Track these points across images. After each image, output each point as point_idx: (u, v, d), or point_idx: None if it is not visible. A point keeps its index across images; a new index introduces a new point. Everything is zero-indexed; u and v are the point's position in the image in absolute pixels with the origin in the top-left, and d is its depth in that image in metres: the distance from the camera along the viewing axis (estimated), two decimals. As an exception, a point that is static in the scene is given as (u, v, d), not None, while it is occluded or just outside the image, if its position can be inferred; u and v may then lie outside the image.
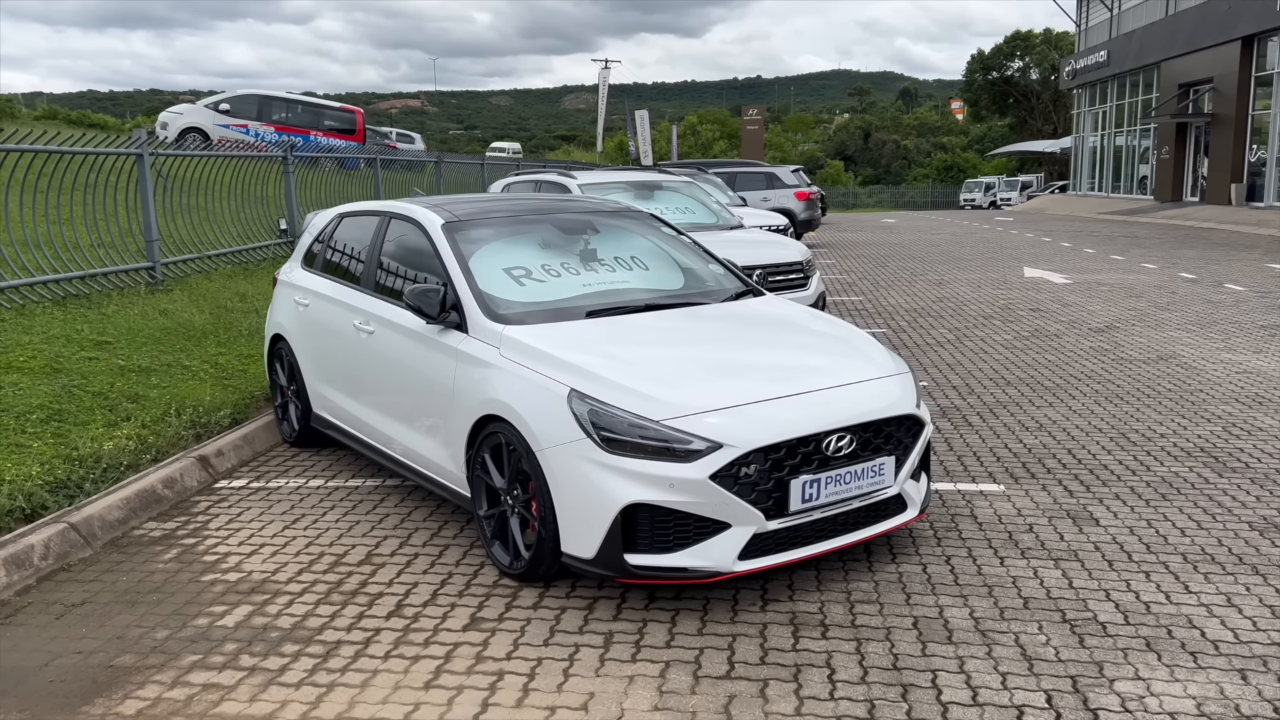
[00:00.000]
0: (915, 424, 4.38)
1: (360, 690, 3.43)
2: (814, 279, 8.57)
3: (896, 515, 4.36)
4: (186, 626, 3.96)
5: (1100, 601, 4.00)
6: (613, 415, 3.90)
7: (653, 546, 3.86)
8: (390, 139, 36.66)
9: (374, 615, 4.01)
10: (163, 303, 8.95)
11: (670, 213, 9.30)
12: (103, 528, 4.94)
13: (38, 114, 35.91)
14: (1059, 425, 6.68)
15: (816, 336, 4.89)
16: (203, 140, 25.43)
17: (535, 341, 4.36)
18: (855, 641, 3.70)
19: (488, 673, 3.53)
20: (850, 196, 74.55)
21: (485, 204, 5.62)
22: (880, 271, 16.84)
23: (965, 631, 3.77)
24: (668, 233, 5.85)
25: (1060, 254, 19.49)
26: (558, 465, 3.96)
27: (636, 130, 47.74)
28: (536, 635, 3.80)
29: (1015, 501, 5.19)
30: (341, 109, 28.40)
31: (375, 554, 4.66)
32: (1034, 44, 73.42)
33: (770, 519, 3.91)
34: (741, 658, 3.60)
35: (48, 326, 7.52)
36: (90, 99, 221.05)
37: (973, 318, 11.50)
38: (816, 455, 3.99)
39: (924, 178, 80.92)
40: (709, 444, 3.82)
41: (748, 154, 53.40)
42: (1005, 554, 4.51)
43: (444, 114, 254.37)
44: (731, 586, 4.18)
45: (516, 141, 40.68)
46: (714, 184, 14.64)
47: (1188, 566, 4.34)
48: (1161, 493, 5.30)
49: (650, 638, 3.77)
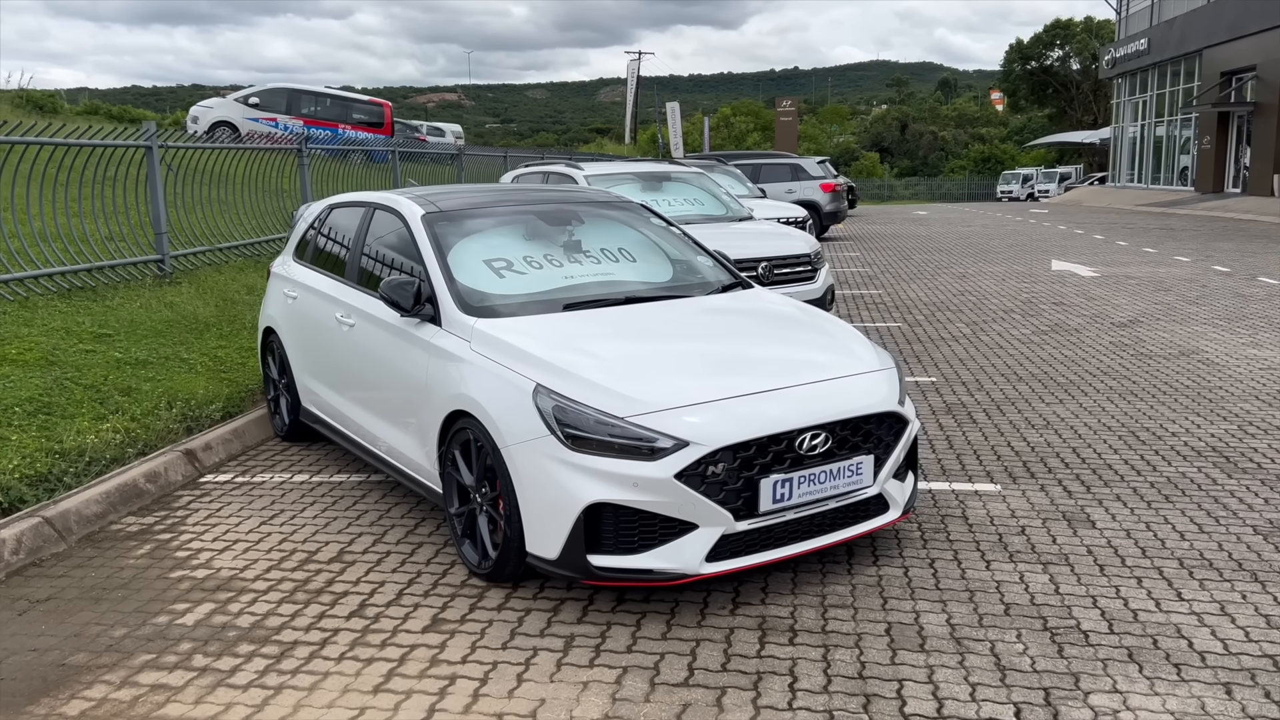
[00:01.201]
0: (898, 422, 4.22)
1: (308, 693, 3.35)
2: (822, 272, 8.39)
3: (877, 516, 4.20)
4: (146, 624, 3.89)
5: (1086, 609, 3.83)
6: (578, 412, 3.78)
7: (617, 547, 3.75)
8: (420, 132, 36.76)
9: (335, 615, 3.93)
10: (169, 295, 8.95)
11: (679, 204, 9.17)
12: (79, 522, 4.90)
13: (80, 109, 36.32)
14: (1066, 423, 6.47)
15: (798, 331, 4.73)
16: (232, 134, 25.68)
17: (505, 335, 4.25)
18: (823, 648, 3.56)
19: (440, 677, 3.43)
20: (885, 189, 73.85)
21: (470, 195, 5.52)
22: (904, 264, 16.57)
23: (939, 639, 3.61)
24: (657, 224, 5.72)
25: (1091, 247, 19.09)
26: (522, 463, 3.85)
27: (668, 122, 47.50)
28: (496, 638, 3.69)
29: (1010, 502, 5.02)
30: (370, 102, 28.46)
31: (347, 551, 4.59)
32: (1074, 32, 72.22)
33: (740, 520, 3.78)
34: (703, 664, 3.47)
35: (49, 319, 7.52)
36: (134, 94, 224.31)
37: (992, 312, 11.26)
38: (789, 454, 3.85)
39: (960, 169, 79.97)
40: (675, 442, 3.69)
41: (781, 146, 53.01)
42: (992, 557, 4.34)
43: (480, 108, 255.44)
44: (703, 589, 4.05)
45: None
46: (733, 175, 14.46)
47: (1183, 572, 4.15)
48: (1165, 494, 5.09)
49: (612, 641, 3.65)
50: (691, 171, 9.84)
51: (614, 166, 9.79)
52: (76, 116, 30.45)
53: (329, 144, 19.26)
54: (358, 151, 16.56)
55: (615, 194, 5.95)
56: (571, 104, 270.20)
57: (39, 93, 31.96)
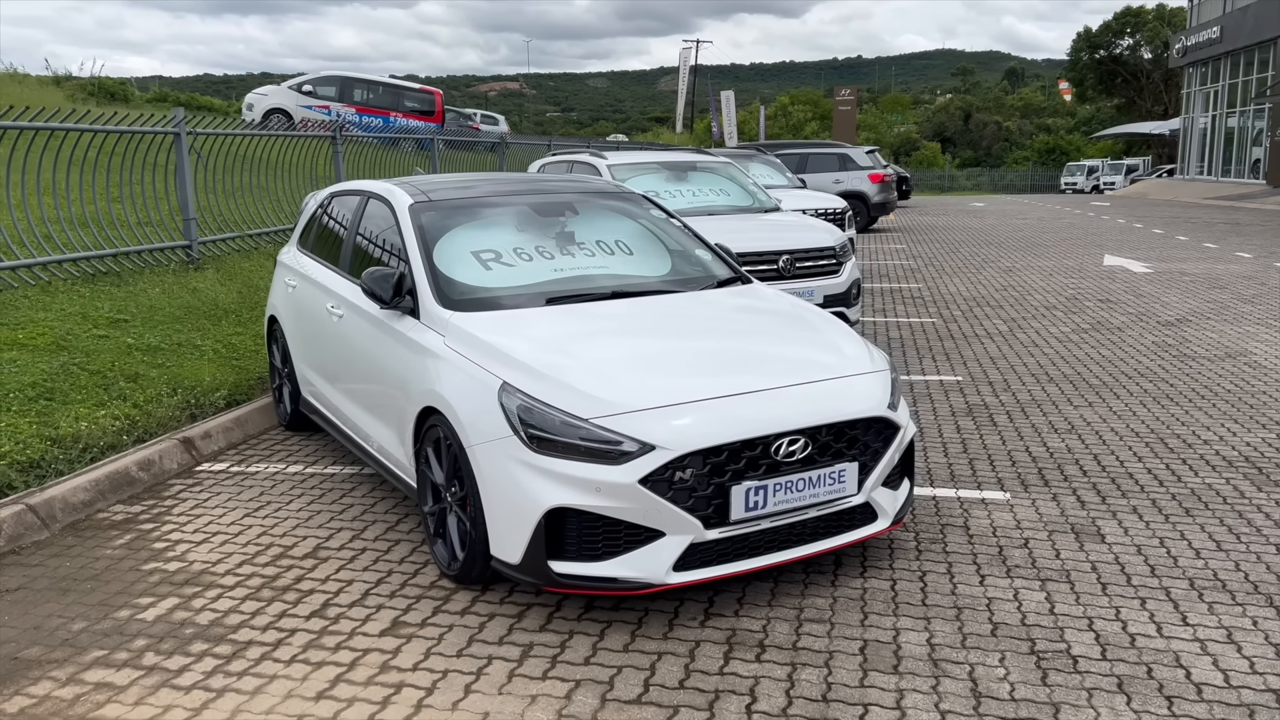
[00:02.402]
0: (888, 427, 4.00)
1: (250, 698, 3.24)
2: (848, 265, 8.13)
3: (863, 526, 3.99)
4: (106, 619, 3.83)
5: (1080, 631, 3.59)
6: (544, 412, 3.63)
7: (580, 554, 3.59)
8: (474, 120, 36.86)
9: (295, 615, 3.83)
10: (194, 281, 8.97)
11: (704, 194, 8.96)
12: (65, 510, 4.87)
13: (149, 96, 37.04)
14: (1092, 428, 6.17)
15: (788, 330, 4.51)
16: (286, 121, 25.95)
17: (478, 330, 4.12)
18: (790, 666, 3.37)
19: (387, 684, 3.31)
20: (946, 179, 72.52)
21: (464, 184, 5.39)
22: (950, 257, 16.16)
23: (916, 660, 3.40)
24: (658, 215, 5.53)
25: (1148, 241, 18.46)
26: (486, 463, 3.71)
27: (721, 110, 47.13)
28: (452, 645, 3.56)
29: (1018, 512, 4.76)
30: (420, 90, 28.56)
31: (324, 547, 4.49)
32: (1145, 20, 70.08)
33: (710, 528, 3.60)
34: (660, 679, 3.30)
35: (67, 303, 7.57)
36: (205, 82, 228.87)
37: (1034, 308, 10.87)
38: (764, 460, 3.66)
39: (1024, 160, 78.18)
40: (640, 445, 3.52)
41: (839, 135, 52.24)
42: (988, 572, 4.10)
43: (541, 96, 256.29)
44: (675, 598, 3.88)
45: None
46: (772, 165, 14.17)
47: (1192, 594, 3.87)
48: (1186, 507, 4.80)
49: (571, 652, 3.50)
50: (719, 161, 9.62)
51: (638, 155, 9.60)
52: (146, 104, 31.06)
53: (380, 131, 19.37)
54: (408, 139, 16.59)
55: (617, 184, 5.77)
56: (631, 93, 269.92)
57: (111, 80, 32.65)
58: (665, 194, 8.72)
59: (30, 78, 27.26)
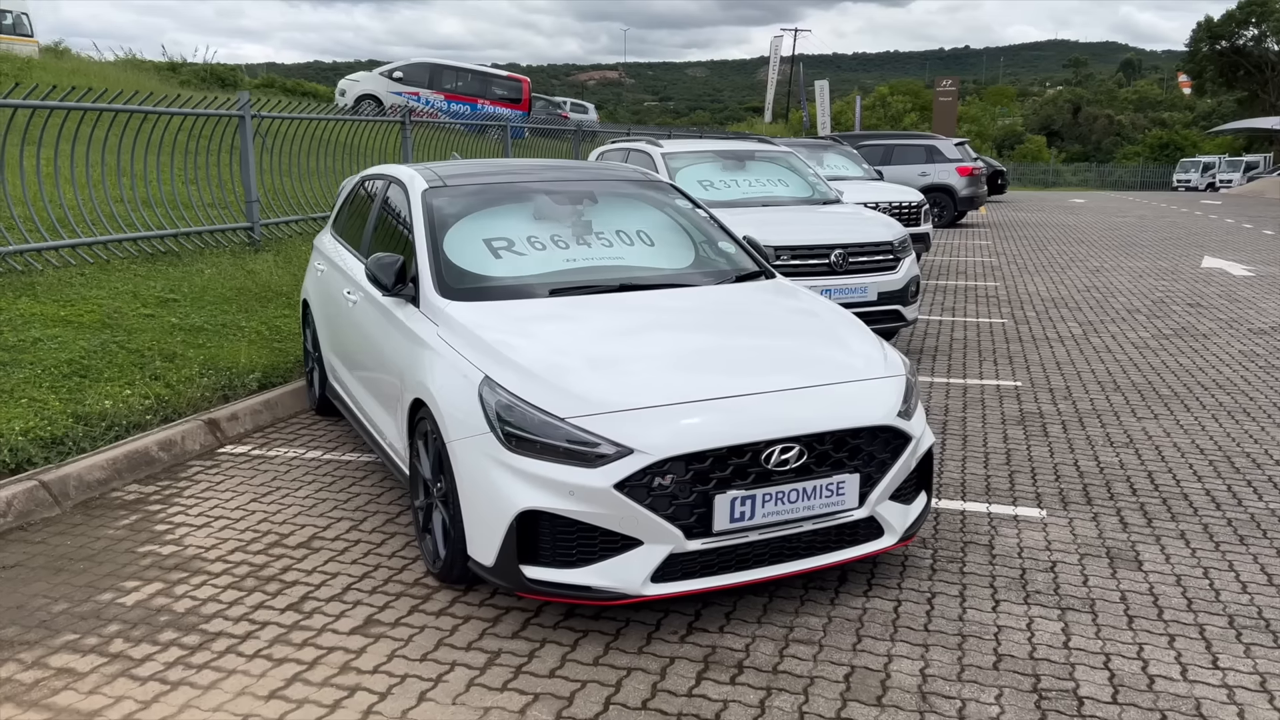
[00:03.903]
0: (897, 437, 3.72)
1: (202, 693, 3.16)
2: (906, 261, 7.76)
3: (867, 542, 3.73)
4: (89, 601, 3.80)
5: (1092, 669, 3.27)
6: (523, 410, 3.46)
7: (555, 560, 3.41)
8: (563, 109, 36.94)
9: (272, 606, 3.75)
10: (252, 263, 9.07)
11: (761, 185, 8.68)
12: (78, 488, 4.90)
13: (258, 82, 38.20)
14: (1152, 442, 5.74)
15: (799, 330, 4.25)
16: (376, 106, 26.35)
17: (470, 321, 3.97)
18: (765, 691, 3.14)
19: (342, 687, 3.19)
20: (1050, 174, 70.19)
21: (485, 170, 5.25)
22: (1036, 255, 15.49)
23: (903, 691, 3.14)
24: (683, 205, 5.31)
25: (1255, 242, 17.44)
26: (464, 460, 3.56)
27: (816, 100, 46.36)
28: (419, 647, 3.43)
29: (1051, 532, 4.42)
30: (509, 78, 28.71)
31: (319, 537, 4.41)
32: (1272, 9, 66.49)
33: (692, 538, 3.39)
34: (623, 698, 3.11)
35: (121, 282, 7.69)
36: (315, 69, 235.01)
37: (1115, 311, 10.30)
38: (753, 468, 3.43)
39: (1134, 156, 75.15)
40: (618, 449, 3.32)
41: (938, 127, 50.90)
42: (1004, 597, 3.80)
43: (640, 85, 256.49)
44: (660, 609, 3.68)
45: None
46: (847, 156, 13.76)
47: (1229, 633, 3.51)
48: (1241, 534, 4.39)
49: (538, 662, 3.33)
50: (779, 151, 9.32)
51: (694, 144, 9.36)
52: (254, 89, 31.97)
53: (467, 119, 19.48)
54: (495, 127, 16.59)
55: (644, 173, 5.56)
56: (730, 82, 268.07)
57: (222, 66, 33.73)
58: (720, 184, 8.49)
59: (148, 63, 28.29)
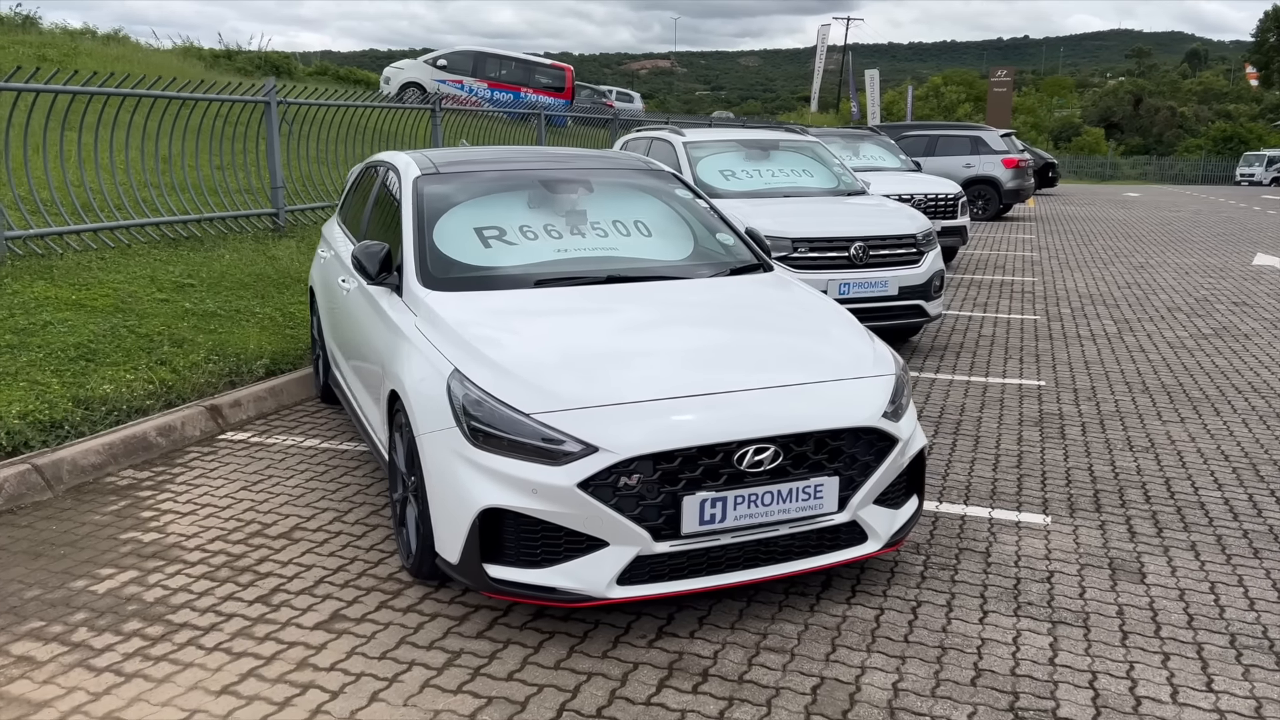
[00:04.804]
0: (882, 439, 3.57)
1: (154, 686, 3.11)
2: (929, 255, 7.55)
3: (848, 548, 3.58)
4: (62, 588, 3.78)
5: (1076, 688, 3.11)
6: (490, 405, 3.36)
7: (519, 559, 3.32)
8: (608, 97, 36.83)
9: (241, 598, 3.70)
10: (274, 249, 9.08)
11: (783, 175, 8.50)
12: (72, 472, 4.90)
13: (310, 70, 38.56)
14: (1175, 446, 5.51)
15: (788, 325, 4.10)
16: (420, 94, 26.44)
17: (448, 311, 3.88)
18: (725, 702, 3.02)
19: (296, 684, 3.12)
20: (1107, 167, 68.63)
21: (481, 156, 5.16)
22: (1079, 250, 15.10)
23: (871, 706, 3.00)
24: (684, 195, 5.17)
25: (1313, 239, 16.85)
26: (431, 455, 3.48)
27: (866, 90, 45.77)
28: (380, 645, 3.35)
29: (1053, 539, 4.24)
30: (552, 66, 28.66)
31: (301, 528, 4.36)
32: (1344, -1, 64.44)
33: (660, 540, 3.27)
34: (578, 705, 3.00)
35: (140, 267, 7.72)
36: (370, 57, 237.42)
37: (1154, 309, 9.97)
38: (726, 469, 3.30)
39: (1196, 149, 73.19)
40: (583, 446, 3.22)
41: (993, 118, 49.98)
42: (994, 608, 3.63)
43: (692, 75, 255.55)
44: (632, 612, 3.56)
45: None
46: (885, 147, 13.49)
47: (1228, 653, 3.32)
48: (1256, 547, 4.18)
49: (498, 664, 3.23)
50: (805, 140, 9.13)
51: (717, 132, 9.20)
52: (308, 76, 32.32)
53: (510, 107, 19.45)
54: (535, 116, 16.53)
55: (648, 162, 5.43)
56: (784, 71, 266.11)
57: (276, 54, 34.10)
58: (742, 174, 8.33)
59: (205, 51, 28.72)
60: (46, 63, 14.46)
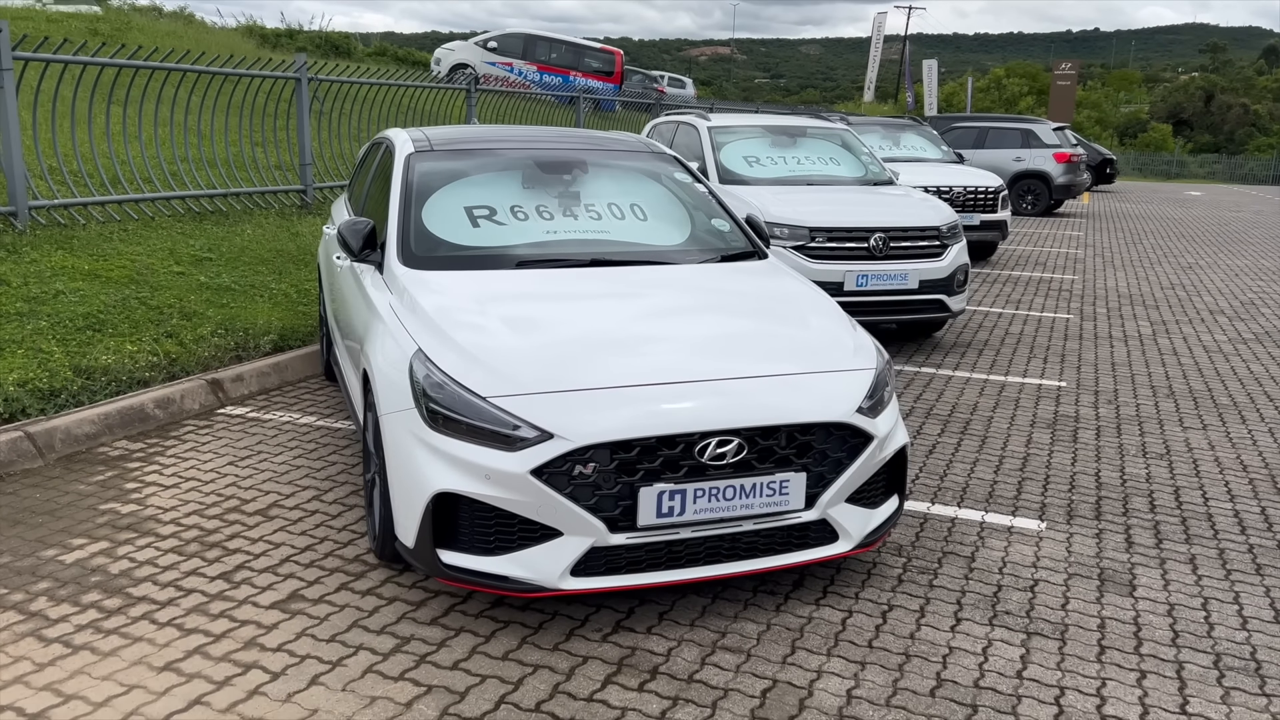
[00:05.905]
0: (855, 435, 3.44)
1: (99, 660, 3.09)
2: (953, 249, 7.34)
3: (817, 547, 3.46)
4: (31, 556, 3.79)
5: (1041, 703, 2.96)
6: (451, 387, 3.29)
7: (472, 546, 3.25)
8: (659, 83, 36.64)
9: (204, 574, 3.67)
10: (298, 225, 9.12)
11: (809, 163, 8.33)
12: (65, 441, 4.93)
13: (370, 50, 38.94)
14: (1191, 454, 5.29)
15: (769, 314, 3.98)
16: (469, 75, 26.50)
17: (420, 291, 3.82)
18: (669, 702, 2.92)
19: (239, 664, 3.08)
20: (1174, 165, 66.82)
21: (478, 134, 5.09)
22: (1128, 248, 14.67)
23: (820, 713, 2.88)
24: (683, 178, 5.05)
25: (1377, 244, 16.21)
26: (391, 436, 3.42)
27: (922, 81, 45.03)
28: (330, 628, 3.30)
29: (1044, 547, 4.07)
30: (602, 50, 28.54)
31: (278, 505, 4.34)
32: None
33: (616, 532, 3.18)
34: (518, 698, 2.93)
35: (161, 240, 7.79)
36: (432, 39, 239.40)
37: (1196, 311, 9.64)
38: (686, 460, 3.20)
39: (1268, 148, 71.02)
40: (538, 433, 3.13)
41: (1055, 113, 48.89)
42: (968, 615, 3.49)
43: (751, 62, 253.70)
44: (593, 604, 3.48)
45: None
46: (926, 137, 13.21)
47: (1209, 674, 3.15)
48: (1260, 563, 3.98)
49: (445, 652, 3.17)
50: (833, 128, 8.93)
51: (744, 118, 9.03)
52: (366, 56, 32.63)
53: (559, 90, 19.41)
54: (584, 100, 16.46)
55: (650, 143, 5.32)
56: (845, 60, 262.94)
57: (336, 34, 34.47)
58: (766, 160, 8.18)
59: (267, 30, 29.09)
60: (96, 36, 14.68)
